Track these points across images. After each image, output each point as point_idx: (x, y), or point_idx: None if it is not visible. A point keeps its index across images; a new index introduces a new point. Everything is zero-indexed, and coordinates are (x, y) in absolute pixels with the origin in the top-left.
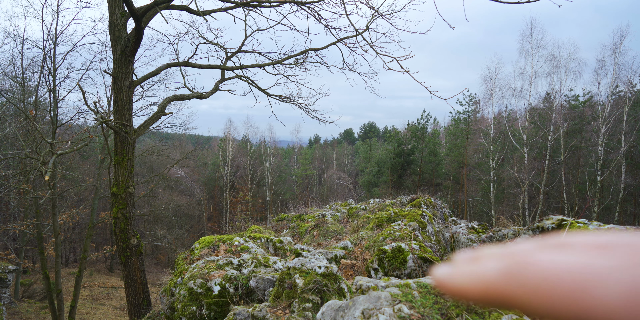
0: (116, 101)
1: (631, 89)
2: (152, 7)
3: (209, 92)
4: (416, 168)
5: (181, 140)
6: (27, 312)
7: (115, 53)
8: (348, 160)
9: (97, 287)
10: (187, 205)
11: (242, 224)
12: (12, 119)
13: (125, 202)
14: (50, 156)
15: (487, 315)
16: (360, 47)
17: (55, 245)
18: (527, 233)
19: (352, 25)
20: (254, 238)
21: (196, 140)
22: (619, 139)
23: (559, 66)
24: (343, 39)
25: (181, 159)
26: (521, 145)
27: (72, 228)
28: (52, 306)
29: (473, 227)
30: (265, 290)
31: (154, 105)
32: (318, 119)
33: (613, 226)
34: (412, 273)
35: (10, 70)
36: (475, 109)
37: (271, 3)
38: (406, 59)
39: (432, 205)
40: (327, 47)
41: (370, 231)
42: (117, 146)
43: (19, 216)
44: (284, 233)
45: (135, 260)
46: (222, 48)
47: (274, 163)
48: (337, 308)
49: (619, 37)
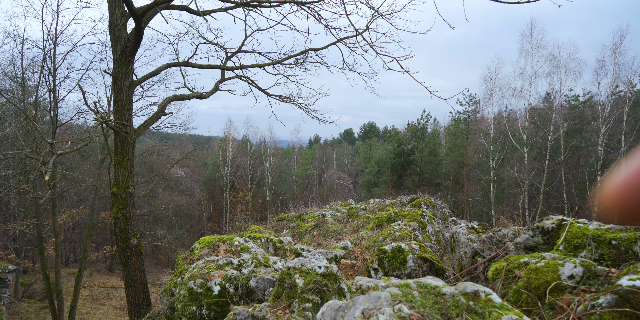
0: (116, 101)
1: (631, 89)
2: (152, 7)
3: (209, 92)
4: (416, 168)
5: (181, 140)
6: (27, 312)
7: (115, 53)
8: (348, 160)
9: (97, 287)
10: (187, 205)
11: (242, 224)
12: (12, 119)
13: (125, 202)
14: (50, 156)
15: (487, 315)
16: (360, 47)
17: (55, 245)
18: (527, 233)
19: (352, 25)
20: (254, 238)
21: (196, 140)
22: (619, 139)
23: (559, 66)
24: (343, 39)
25: (181, 159)
26: (521, 145)
27: (72, 228)
28: (52, 306)
29: (473, 227)
30: (265, 290)
31: (154, 105)
32: (318, 119)
33: (613, 226)
34: (412, 273)
35: (10, 70)
36: (475, 109)
37: (271, 3)
38: (406, 59)
39: (432, 205)
40: (327, 47)
41: (370, 231)
42: (117, 146)
43: (19, 216)
44: (284, 233)
45: (135, 260)
46: (222, 48)
47: (274, 163)
48: (337, 308)
49: (619, 37)
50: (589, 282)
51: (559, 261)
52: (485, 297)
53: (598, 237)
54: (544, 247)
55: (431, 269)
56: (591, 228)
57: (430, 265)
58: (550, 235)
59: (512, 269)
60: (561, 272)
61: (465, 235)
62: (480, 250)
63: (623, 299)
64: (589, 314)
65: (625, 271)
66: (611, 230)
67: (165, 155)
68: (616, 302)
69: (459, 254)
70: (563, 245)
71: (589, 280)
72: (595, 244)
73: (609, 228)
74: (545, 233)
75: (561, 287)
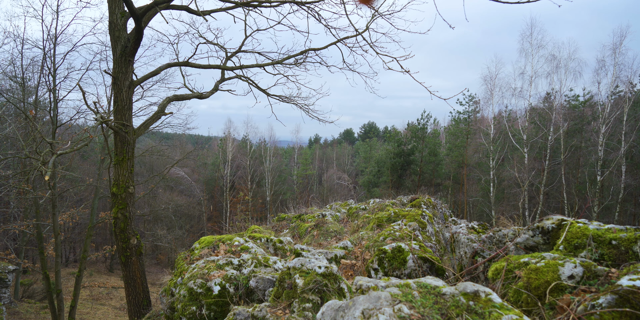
0: (116, 101)
1: (631, 89)
2: (152, 7)
3: (209, 92)
4: (416, 168)
5: (181, 140)
6: (27, 312)
7: (115, 53)
8: (348, 160)
9: (97, 287)
10: (187, 205)
11: (242, 224)
12: (12, 119)
13: (125, 202)
14: (50, 156)
15: (487, 315)
16: (360, 47)
17: (55, 245)
18: (527, 233)
19: (352, 25)
20: (254, 238)
21: (196, 140)
22: (619, 139)
23: (559, 66)
24: (343, 39)
25: (181, 159)
26: (521, 145)
27: (72, 228)
28: (52, 306)
29: (473, 227)
30: (265, 290)
31: (154, 105)
32: (318, 119)
33: (613, 226)
34: (412, 273)
35: (10, 70)
36: (475, 109)
37: (271, 3)
38: (406, 59)
39: (432, 205)
40: (327, 47)
41: (370, 231)
42: (117, 146)
43: (19, 216)
44: (284, 233)
45: (135, 260)
46: (222, 48)
47: (274, 163)
48: (337, 308)
49: (619, 37)
50: (589, 282)
51: (559, 261)
52: (485, 297)
53: (598, 237)
54: (544, 247)
55: (431, 269)
56: (591, 228)
57: (430, 265)
58: (550, 235)
59: (512, 269)
60: (561, 272)
61: (465, 235)
62: (480, 250)
63: (623, 299)
64: (589, 314)
65: (625, 271)
66: (611, 230)
67: (165, 155)
68: (616, 302)
69: (459, 254)
70: (563, 245)
71: (589, 280)
72: (595, 244)
73: (609, 228)
74: (545, 233)
75: (561, 287)
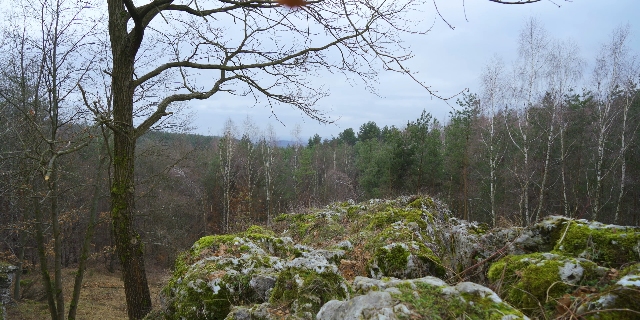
0: (116, 101)
1: (631, 89)
2: (152, 7)
3: (209, 92)
4: (416, 168)
5: (181, 140)
6: (27, 312)
7: (115, 53)
8: (348, 160)
9: (97, 287)
10: (187, 205)
11: (242, 224)
12: (12, 119)
13: (125, 202)
14: (50, 156)
15: (487, 315)
16: (360, 47)
17: (55, 245)
18: (527, 233)
19: (352, 25)
20: (254, 238)
21: (196, 140)
22: (619, 139)
23: (559, 66)
24: (343, 39)
25: (181, 159)
26: (521, 145)
27: (72, 228)
28: (52, 306)
29: (473, 227)
30: (265, 290)
31: (154, 105)
32: (318, 119)
33: (613, 226)
34: (412, 273)
35: (10, 70)
36: (475, 109)
37: (271, 3)
38: (406, 59)
39: (432, 205)
40: (327, 47)
41: (370, 231)
42: (117, 146)
43: (19, 216)
44: (284, 233)
45: (135, 260)
46: (222, 48)
47: (274, 163)
48: (337, 308)
49: (619, 37)
50: (589, 282)
51: (559, 261)
52: (485, 297)
53: (598, 237)
54: (544, 247)
55: (431, 269)
56: (591, 228)
57: (430, 265)
58: (550, 235)
59: (512, 269)
60: (561, 272)
61: (465, 235)
62: (480, 250)
63: (623, 299)
64: (589, 314)
65: (625, 271)
66: (611, 230)
67: (165, 155)
68: (616, 302)
69: (459, 254)
70: (563, 245)
71: (589, 280)
72: (595, 244)
73: (609, 228)
74: (545, 233)
75: (561, 287)
